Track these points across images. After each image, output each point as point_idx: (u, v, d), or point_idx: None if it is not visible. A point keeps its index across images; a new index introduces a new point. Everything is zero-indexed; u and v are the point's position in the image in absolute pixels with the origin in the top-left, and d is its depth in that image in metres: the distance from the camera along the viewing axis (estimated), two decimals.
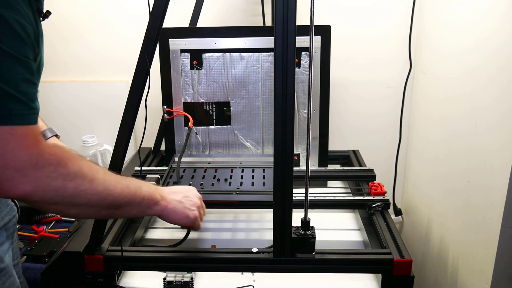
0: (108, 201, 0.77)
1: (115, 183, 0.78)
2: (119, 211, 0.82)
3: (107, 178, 0.77)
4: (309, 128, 0.91)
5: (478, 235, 1.15)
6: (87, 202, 0.74)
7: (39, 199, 0.68)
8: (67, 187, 0.70)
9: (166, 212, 0.91)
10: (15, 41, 0.64)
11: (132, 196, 0.82)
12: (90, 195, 0.73)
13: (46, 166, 0.67)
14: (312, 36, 0.86)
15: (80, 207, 0.74)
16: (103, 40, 1.74)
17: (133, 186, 0.83)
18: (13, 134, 0.64)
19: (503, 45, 1.07)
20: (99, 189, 0.75)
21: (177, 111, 1.44)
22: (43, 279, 1.00)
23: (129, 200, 0.82)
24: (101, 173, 0.76)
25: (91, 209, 0.76)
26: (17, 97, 0.65)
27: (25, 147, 0.64)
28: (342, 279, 1.06)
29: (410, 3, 1.58)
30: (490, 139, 1.11)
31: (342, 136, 1.79)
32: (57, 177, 0.68)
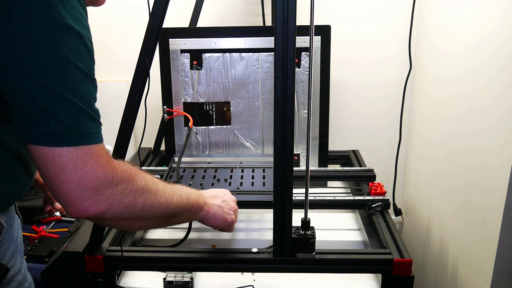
0: (168, 211, 0.79)
1: (172, 193, 0.81)
2: (174, 219, 0.84)
3: (166, 190, 0.79)
4: (309, 128, 0.91)
5: (478, 235, 1.15)
6: (152, 215, 0.76)
7: (110, 217, 0.69)
8: (136, 202, 0.71)
9: (208, 216, 0.93)
10: (88, 60, 0.65)
11: (185, 205, 0.85)
12: (155, 208, 0.76)
13: (120, 183, 0.68)
14: (312, 36, 0.86)
15: (144, 220, 0.76)
16: (103, 40, 1.74)
17: (184, 194, 0.85)
18: (91, 153, 0.64)
19: (503, 45, 1.07)
20: (161, 201, 0.77)
21: (177, 111, 1.44)
22: (43, 279, 1.00)
23: (183, 208, 0.84)
24: (160, 185, 0.78)
25: (152, 220, 0.78)
26: (92, 116, 0.66)
27: (101, 166, 0.65)
28: (342, 279, 1.06)
29: (410, 3, 1.58)
30: (490, 139, 1.11)
31: (342, 136, 1.79)
32: (129, 194, 0.70)
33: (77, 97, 0.63)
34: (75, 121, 0.63)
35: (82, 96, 0.64)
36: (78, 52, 0.63)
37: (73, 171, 0.63)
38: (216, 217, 0.95)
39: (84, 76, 0.64)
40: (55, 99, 0.61)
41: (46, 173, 0.63)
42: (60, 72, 0.62)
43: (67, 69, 0.62)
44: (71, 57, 0.62)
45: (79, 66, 0.63)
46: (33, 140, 0.62)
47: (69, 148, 0.62)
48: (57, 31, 0.61)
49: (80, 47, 0.63)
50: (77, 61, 0.63)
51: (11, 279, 0.83)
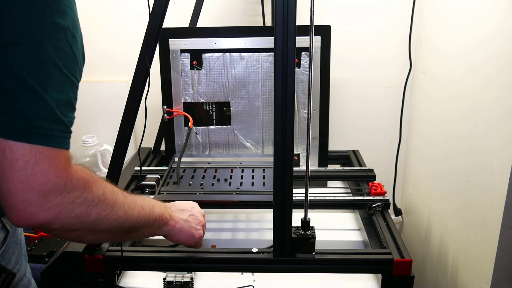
0: (127, 225, 0.74)
1: (133, 206, 0.75)
2: (133, 234, 0.79)
3: (126, 202, 0.74)
4: (309, 128, 0.91)
5: (478, 235, 1.15)
6: (107, 228, 0.70)
7: (59, 227, 0.63)
8: (90, 213, 0.65)
9: (173, 232, 0.89)
10: (71, 61, 0.62)
11: (147, 218, 0.79)
12: (111, 220, 0.70)
13: (72, 191, 0.62)
14: (312, 36, 0.86)
15: (99, 233, 0.70)
16: (103, 40, 1.74)
17: (147, 207, 0.80)
18: (46, 155, 0.59)
19: (503, 45, 1.07)
20: (119, 214, 0.71)
21: (177, 111, 1.44)
22: (43, 279, 1.00)
23: (145, 222, 0.79)
24: (120, 196, 0.73)
25: (108, 234, 0.72)
26: (60, 118, 0.60)
27: (55, 169, 0.60)
28: (342, 279, 1.06)
29: (410, 3, 1.58)
30: (490, 139, 1.11)
31: (342, 136, 1.79)
32: (82, 203, 0.64)
33: (49, 95, 0.59)
34: (38, 118, 0.58)
35: (55, 96, 0.59)
36: (60, 50, 0.60)
37: (22, 169, 0.57)
38: (182, 232, 0.90)
39: (61, 75, 0.60)
40: (24, 91, 0.57)
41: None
42: (37, 66, 0.58)
43: (45, 64, 0.58)
44: (52, 54, 0.58)
45: (58, 64, 0.59)
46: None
47: (23, 144, 0.57)
48: (42, 25, 0.57)
49: (64, 46, 0.60)
50: (57, 59, 0.59)
51: (16, 284, 0.82)
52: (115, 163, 0.96)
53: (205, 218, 1.02)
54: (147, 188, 1.24)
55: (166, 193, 1.17)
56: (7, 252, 0.79)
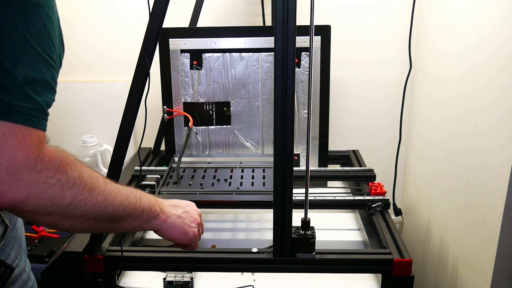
0: (107, 212, 0.69)
1: (115, 193, 0.71)
2: (117, 224, 0.74)
3: (107, 188, 0.70)
4: (309, 128, 0.91)
5: (478, 235, 1.15)
6: (84, 214, 0.66)
7: (30, 209, 0.60)
8: (64, 195, 0.62)
9: (164, 226, 0.83)
10: (43, 37, 0.59)
11: (132, 208, 0.75)
12: (89, 205, 0.66)
13: (44, 170, 0.59)
14: (312, 36, 0.86)
15: (76, 219, 0.65)
16: (103, 40, 1.74)
17: (133, 197, 0.75)
18: (16, 132, 0.56)
19: (503, 45, 1.07)
20: (98, 199, 0.67)
21: (177, 111, 1.44)
22: (43, 279, 1.00)
23: (129, 212, 0.74)
24: (101, 181, 0.69)
25: (87, 221, 0.67)
26: (31, 97, 0.58)
27: (25, 147, 0.57)
28: (342, 279, 1.06)
29: (410, 3, 1.58)
30: (490, 139, 1.11)
31: (342, 136, 1.79)
32: (55, 184, 0.60)
33: (19, 71, 0.56)
34: (6, 93, 0.56)
35: (26, 73, 0.57)
36: (32, 26, 0.57)
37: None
38: (174, 228, 0.83)
39: (35, 54, 0.58)
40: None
41: None
42: (7, 42, 0.56)
43: (15, 39, 0.56)
44: (22, 29, 0.56)
45: (30, 41, 0.57)
46: None
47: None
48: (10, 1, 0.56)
49: (36, 23, 0.58)
50: (29, 36, 0.57)
51: (15, 279, 0.82)
52: (115, 163, 0.96)
53: (206, 218, 1.01)
54: (147, 188, 1.24)
55: (166, 193, 1.17)
56: (6, 246, 0.79)
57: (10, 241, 0.80)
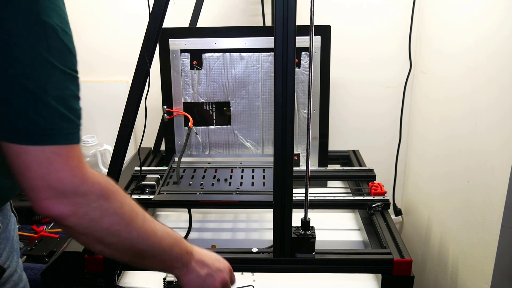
0: (136, 249, 0.71)
1: (150, 233, 0.72)
2: (143, 261, 0.75)
3: (144, 226, 0.71)
4: (309, 128, 0.91)
5: (478, 235, 1.15)
6: (116, 243, 0.68)
7: (72, 225, 0.64)
8: (102, 221, 0.65)
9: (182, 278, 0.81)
10: (65, 54, 0.62)
11: (161, 253, 0.75)
12: (122, 237, 0.68)
13: (88, 194, 0.63)
14: (312, 36, 0.86)
15: (107, 246, 0.68)
16: (103, 40, 1.74)
17: (166, 243, 0.75)
18: (58, 153, 0.61)
19: (503, 44, 1.07)
20: (132, 234, 0.69)
21: (177, 111, 1.44)
22: (43, 279, 1.00)
23: (157, 255, 0.75)
24: (140, 217, 0.71)
25: (116, 251, 0.70)
26: (65, 115, 0.62)
27: (69, 169, 0.62)
28: (342, 279, 1.06)
29: (410, 3, 1.58)
30: (490, 139, 1.11)
31: (342, 136, 1.79)
32: (96, 208, 0.64)
33: (51, 94, 0.59)
34: (45, 119, 0.60)
35: (56, 94, 0.60)
36: (53, 48, 0.59)
37: (38, 169, 0.60)
38: (189, 284, 0.81)
39: (59, 73, 0.61)
40: (25, 97, 0.58)
41: (13, 168, 0.61)
42: (32, 69, 0.58)
43: (40, 65, 0.59)
44: (45, 53, 0.59)
45: (53, 62, 0.60)
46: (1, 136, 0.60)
47: (35, 146, 0.59)
48: (28, 23, 0.57)
49: (56, 43, 0.60)
50: (51, 57, 0.59)
51: (7, 280, 0.83)
52: (115, 163, 0.96)
53: (206, 218, 1.01)
54: (147, 188, 1.24)
55: (166, 193, 1.17)
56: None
57: (2, 242, 0.81)
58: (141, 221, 0.71)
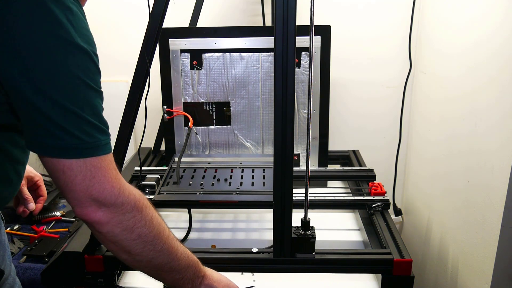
0: (157, 262, 0.77)
1: (173, 249, 0.78)
2: (159, 274, 0.81)
3: (168, 241, 0.78)
4: (309, 128, 0.91)
5: (478, 235, 1.15)
6: (140, 253, 0.74)
7: (106, 232, 0.71)
8: (133, 231, 0.72)
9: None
10: (96, 75, 0.68)
11: (177, 271, 0.81)
12: (147, 249, 0.74)
13: (125, 204, 0.70)
14: (312, 36, 0.86)
15: (132, 256, 0.74)
16: (103, 40, 1.74)
17: (183, 262, 0.81)
18: (99, 167, 0.67)
19: (503, 44, 1.07)
20: (157, 247, 0.75)
21: (177, 111, 1.44)
22: (43, 279, 1.00)
23: (174, 270, 0.80)
24: (166, 233, 0.78)
25: (139, 262, 0.76)
26: (101, 128, 0.69)
27: (109, 180, 0.68)
28: (342, 279, 1.06)
29: (410, 3, 1.58)
30: (490, 139, 1.11)
31: (342, 136, 1.79)
32: (130, 218, 0.71)
33: (88, 112, 0.66)
34: (86, 134, 0.66)
35: (92, 111, 0.67)
36: (87, 69, 0.66)
37: (82, 182, 0.66)
38: None
39: (93, 92, 0.67)
40: (67, 116, 0.64)
41: (57, 182, 0.68)
42: (71, 90, 0.65)
43: (78, 87, 0.65)
44: (81, 75, 0.65)
45: (88, 83, 0.66)
46: (48, 152, 0.66)
47: (78, 160, 0.66)
48: (67, 50, 0.64)
49: (89, 65, 0.66)
50: (86, 79, 0.66)
51: (3, 283, 0.84)
52: (115, 163, 0.96)
53: (206, 218, 1.01)
54: (147, 188, 1.24)
55: (166, 193, 1.17)
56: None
57: None
58: (166, 236, 0.77)
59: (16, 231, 1.36)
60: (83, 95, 0.66)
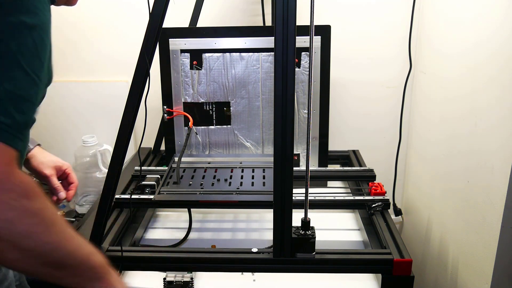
0: (56, 255, 0.64)
1: (70, 238, 0.66)
2: (61, 272, 0.67)
3: (65, 230, 0.66)
4: (309, 128, 0.91)
5: (478, 235, 1.15)
6: (34, 249, 0.61)
7: None
8: (21, 222, 0.59)
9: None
10: (33, 57, 0.61)
11: (79, 263, 0.68)
12: (41, 241, 0.62)
13: (10, 191, 0.58)
14: (312, 36, 0.86)
15: (23, 252, 0.61)
16: (103, 40, 1.74)
17: (84, 251, 0.69)
18: None
19: (503, 44, 1.07)
20: (52, 238, 0.63)
21: (177, 111, 1.44)
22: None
23: (78, 263, 0.68)
24: (60, 222, 0.65)
25: (34, 259, 0.62)
26: (11, 113, 0.59)
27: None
28: (342, 279, 1.06)
29: (410, 3, 1.58)
30: (490, 139, 1.11)
31: (342, 136, 1.79)
32: (16, 208, 0.58)
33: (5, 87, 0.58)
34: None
35: (11, 90, 0.59)
36: (24, 46, 0.60)
37: None
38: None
39: (22, 73, 0.60)
40: None
41: None
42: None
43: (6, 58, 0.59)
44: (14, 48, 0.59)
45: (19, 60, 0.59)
46: None
47: None
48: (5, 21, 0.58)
49: (28, 43, 0.60)
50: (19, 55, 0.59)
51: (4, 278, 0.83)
52: (115, 163, 0.96)
53: (206, 218, 1.01)
54: (147, 188, 1.24)
55: (166, 193, 1.17)
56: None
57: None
58: (61, 225, 0.65)
59: None
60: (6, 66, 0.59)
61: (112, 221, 1.13)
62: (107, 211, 0.98)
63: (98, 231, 0.98)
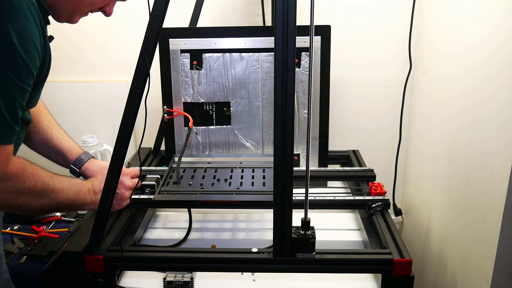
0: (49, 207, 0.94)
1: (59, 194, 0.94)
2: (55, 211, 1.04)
3: (53, 189, 0.92)
4: (309, 128, 0.91)
5: (478, 235, 1.15)
6: (30, 209, 0.90)
7: None
8: (17, 199, 0.85)
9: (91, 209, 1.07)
10: (22, 71, 0.76)
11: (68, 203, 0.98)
12: (35, 205, 0.90)
13: (7, 181, 0.81)
14: (312, 36, 0.86)
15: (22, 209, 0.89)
16: (103, 40, 1.74)
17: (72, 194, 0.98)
18: None
19: (503, 44, 1.07)
20: (43, 201, 0.91)
21: (177, 111, 1.44)
22: (43, 279, 1.00)
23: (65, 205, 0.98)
24: (50, 185, 0.92)
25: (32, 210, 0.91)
26: (5, 119, 0.76)
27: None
28: (342, 279, 1.06)
29: (410, 3, 1.58)
30: (490, 139, 1.11)
31: (342, 136, 1.79)
32: (12, 192, 0.83)
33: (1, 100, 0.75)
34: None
35: (5, 100, 0.75)
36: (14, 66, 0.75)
37: None
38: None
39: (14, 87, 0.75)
40: None
41: None
42: None
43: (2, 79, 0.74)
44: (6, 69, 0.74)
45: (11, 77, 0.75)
46: None
47: None
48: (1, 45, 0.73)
49: (19, 62, 0.75)
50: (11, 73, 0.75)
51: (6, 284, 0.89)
52: (115, 163, 0.96)
53: (206, 218, 1.02)
54: (147, 188, 1.24)
55: (166, 193, 1.17)
56: None
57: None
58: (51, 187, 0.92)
59: (16, 231, 1.36)
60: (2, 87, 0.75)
61: (112, 221, 1.13)
62: (107, 211, 0.98)
63: (98, 231, 0.98)
